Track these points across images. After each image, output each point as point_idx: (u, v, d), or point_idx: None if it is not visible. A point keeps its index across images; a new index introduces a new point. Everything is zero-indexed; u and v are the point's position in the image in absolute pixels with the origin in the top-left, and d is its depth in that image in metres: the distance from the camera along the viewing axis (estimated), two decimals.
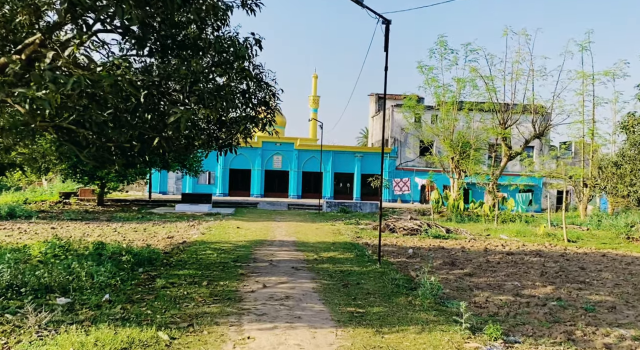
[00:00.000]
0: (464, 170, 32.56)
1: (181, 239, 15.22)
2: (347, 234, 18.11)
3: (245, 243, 14.44)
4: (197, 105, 6.04)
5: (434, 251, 14.73)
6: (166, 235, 16.12)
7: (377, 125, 48.62)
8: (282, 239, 16.01)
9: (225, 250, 12.60)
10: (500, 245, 16.54)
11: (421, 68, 32.61)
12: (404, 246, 15.58)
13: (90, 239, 15.10)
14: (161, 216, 24.06)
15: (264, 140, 42.25)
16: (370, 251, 12.93)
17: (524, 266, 12.13)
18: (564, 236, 18.92)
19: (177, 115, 5.80)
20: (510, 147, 32.22)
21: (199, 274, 9.08)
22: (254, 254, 12.13)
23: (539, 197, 43.24)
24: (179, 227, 19.11)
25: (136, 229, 18.04)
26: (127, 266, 9.28)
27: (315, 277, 9.27)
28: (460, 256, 13.62)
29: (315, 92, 58.16)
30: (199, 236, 15.89)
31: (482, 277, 10.37)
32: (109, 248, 11.20)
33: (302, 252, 12.92)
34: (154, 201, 32.06)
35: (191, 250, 12.48)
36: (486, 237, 19.60)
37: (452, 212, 29.57)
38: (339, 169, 42.95)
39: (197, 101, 6.05)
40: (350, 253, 12.79)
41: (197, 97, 6.04)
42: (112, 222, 20.74)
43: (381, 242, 16.20)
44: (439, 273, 10.59)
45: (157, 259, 10.45)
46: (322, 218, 26.24)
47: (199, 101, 6.04)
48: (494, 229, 22.71)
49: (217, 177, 40.95)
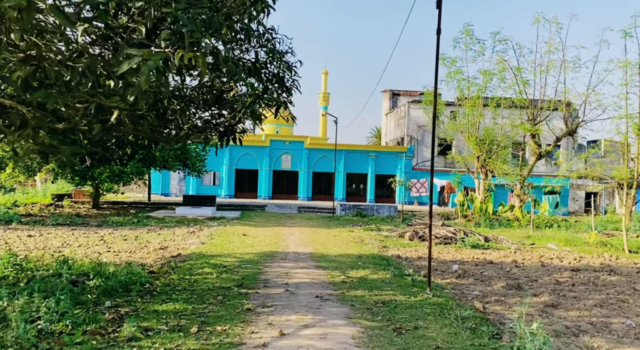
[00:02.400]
0: (491, 170, 29.80)
1: (176, 251, 12.67)
2: (371, 244, 15.47)
3: (252, 257, 11.85)
4: (171, 46, 3.50)
5: (482, 266, 12.08)
6: (159, 246, 13.59)
7: (392, 123, 45.92)
8: (296, 250, 13.41)
9: (228, 268, 10.01)
10: (555, 258, 13.85)
11: (443, 60, 29.93)
12: (443, 260, 12.93)
13: (68, 250, 12.62)
14: (159, 221, 21.55)
15: (272, 139, 39.70)
16: (411, 270, 10.28)
17: (609, 289, 9.46)
18: (625, 246, 16.16)
19: (133, 60, 3.24)
20: (539, 145, 29.44)
21: (188, 310, 6.49)
22: (263, 274, 9.53)
23: (567, 200, 40.34)
24: (177, 235, 16.58)
25: (127, 237, 15.53)
26: (91, 297, 6.74)
27: (350, 313, 6.66)
28: (519, 274, 10.96)
29: (325, 89, 55.55)
30: (198, 247, 13.33)
31: (570, 309, 7.72)
32: (76, 267, 8.67)
33: (324, 269, 10.31)
34: (153, 204, 29.58)
35: (185, 267, 9.90)
36: (531, 246, 16.89)
37: (481, 216, 26.84)
38: (351, 169, 40.28)
39: (171, 39, 3.50)
40: (385, 271, 10.15)
41: (171, 31, 3.50)
42: (102, 228, 18.27)
43: (416, 255, 13.61)
44: (508, 302, 7.96)
45: (138, 282, 7.90)
46: (337, 223, 23.61)
47: (174, 39, 3.49)
48: (534, 236, 19.96)
49: (223, 177, 38.43)
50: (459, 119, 31.25)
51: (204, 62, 3.50)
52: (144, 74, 3.26)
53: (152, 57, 3.32)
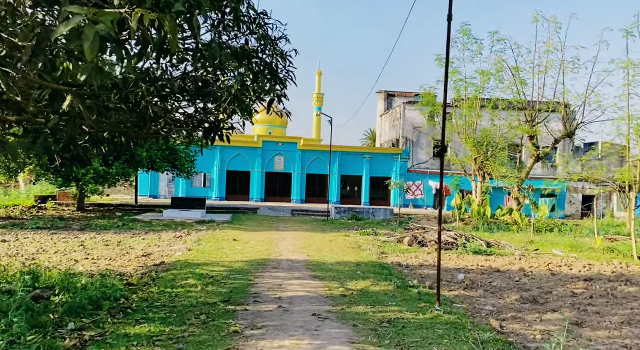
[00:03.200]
0: (489, 173, 29.07)
1: (160, 259, 11.75)
2: (369, 250, 14.63)
3: (242, 265, 10.95)
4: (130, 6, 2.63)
5: (489, 275, 11.28)
6: (142, 253, 12.65)
7: (387, 125, 45.16)
8: (290, 257, 12.53)
9: (215, 279, 9.11)
10: (564, 266, 13.08)
11: (440, 60, 29.18)
12: (446, 267, 12.12)
13: (43, 257, 11.66)
14: (146, 224, 20.57)
15: (265, 140, 38.77)
16: (415, 281, 9.44)
17: (632, 303, 8.67)
18: (634, 252, 15.42)
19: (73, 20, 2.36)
20: (538, 147, 28.77)
21: (165, 333, 5.59)
22: (254, 286, 8.64)
23: (563, 203, 39.76)
24: (163, 240, 15.64)
25: (109, 242, 14.57)
26: (53, 317, 5.82)
27: (353, 336, 5.79)
28: (530, 285, 10.16)
29: (320, 89, 54.66)
30: (184, 254, 12.40)
31: (597, 328, 6.90)
32: (44, 279, 7.74)
33: (320, 280, 9.43)
34: (141, 206, 28.53)
35: (167, 278, 8.98)
36: (536, 252, 16.13)
37: (479, 219, 26.09)
38: (346, 172, 39.41)
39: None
40: (388, 282, 9.30)
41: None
42: (84, 232, 17.27)
43: (417, 263, 12.77)
44: (527, 320, 7.14)
45: (112, 297, 6.98)
46: (332, 226, 22.74)
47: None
48: (536, 241, 19.21)
49: (214, 179, 37.41)
50: (456, 121, 30.53)
51: (174, 27, 2.63)
52: (89, 40, 2.39)
53: (102, 18, 2.45)
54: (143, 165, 24.12)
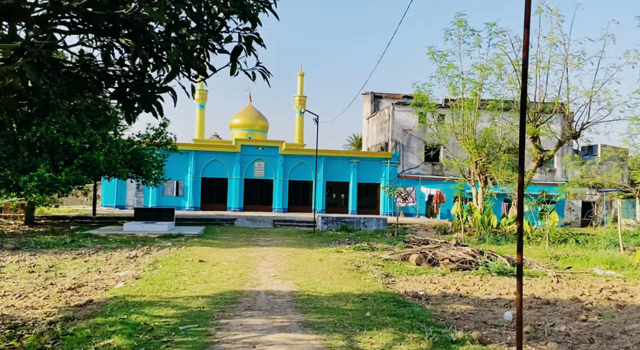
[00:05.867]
0: (492, 177, 26.39)
1: (91, 293, 8.55)
2: (370, 272, 11.59)
3: (202, 304, 7.81)
4: None
5: (538, 310, 8.37)
6: (72, 283, 9.42)
7: (374, 128, 42.38)
8: (271, 288, 9.40)
9: (154, 335, 5.96)
10: (621, 292, 10.28)
11: (432, 54, 26.39)
12: (477, 298, 9.16)
13: None
14: (99, 240, 17.22)
15: (243, 144, 35.59)
16: (454, 328, 6.42)
17: None
18: None
19: None
20: (541, 149, 26.23)
21: None
22: (211, 349, 5.53)
23: (562, 210, 37.39)
24: (110, 262, 12.40)
25: (36, 267, 11.29)
26: None
27: None
28: (606, 327, 7.24)
29: (302, 92, 51.71)
30: (126, 285, 9.20)
31: None
32: None
33: (315, 331, 6.35)
34: (99, 218, 25.02)
35: (82, 335, 5.81)
36: (569, 271, 13.33)
37: (482, 229, 23.33)
38: (331, 177, 36.41)
39: None
40: (417, 333, 6.25)
41: None
42: (16, 253, 13.93)
43: (437, 291, 9.78)
44: None
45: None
46: (320, 239, 19.66)
47: None
48: (562, 256, 16.40)
49: (187, 187, 34.02)
50: (453, 120, 27.83)
51: None
52: None
53: None
54: (100, 171, 20.75)
